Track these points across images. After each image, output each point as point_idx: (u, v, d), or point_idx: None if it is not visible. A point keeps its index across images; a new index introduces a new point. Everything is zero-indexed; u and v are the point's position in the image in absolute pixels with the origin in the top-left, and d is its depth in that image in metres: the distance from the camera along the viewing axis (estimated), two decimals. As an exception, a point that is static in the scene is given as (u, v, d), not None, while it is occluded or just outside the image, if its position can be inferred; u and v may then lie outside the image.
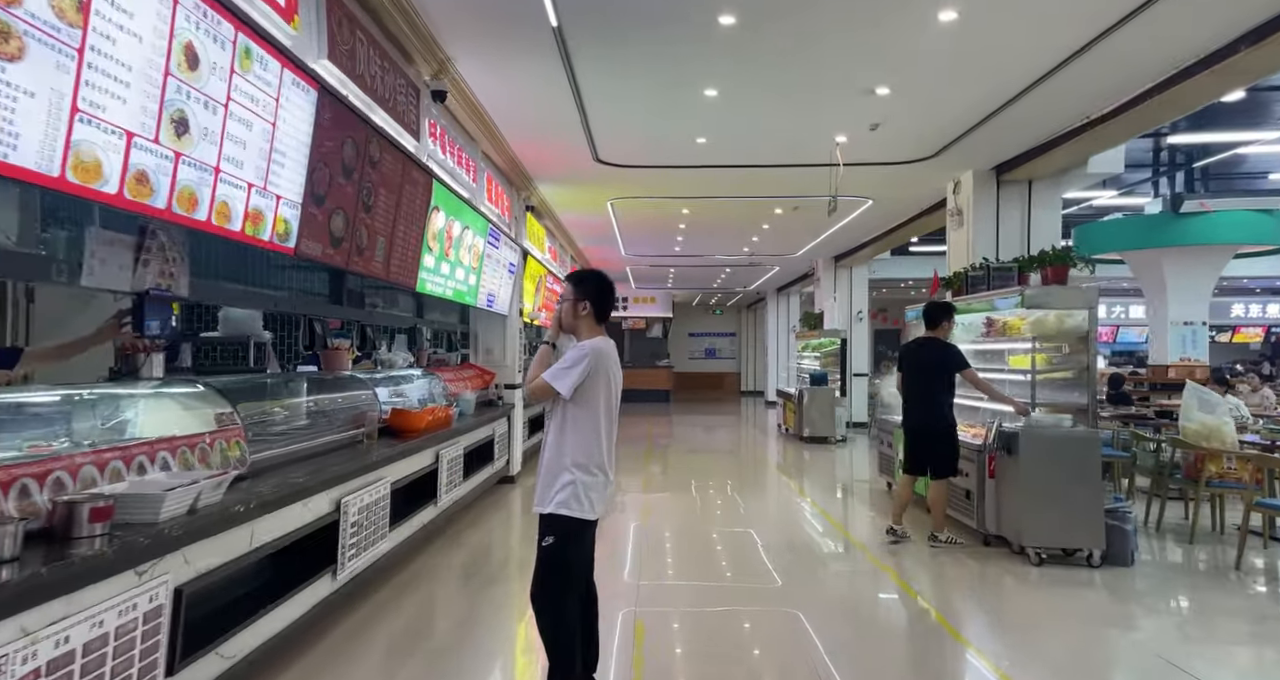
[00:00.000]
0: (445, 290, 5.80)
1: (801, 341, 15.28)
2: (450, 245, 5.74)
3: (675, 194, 9.60)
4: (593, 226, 11.89)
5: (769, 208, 10.37)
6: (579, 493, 2.95)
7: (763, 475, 9.95)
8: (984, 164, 7.93)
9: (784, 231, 12.25)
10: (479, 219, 6.63)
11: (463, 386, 7.26)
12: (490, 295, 7.48)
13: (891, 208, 10.07)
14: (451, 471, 5.90)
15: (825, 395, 12.57)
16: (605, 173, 8.40)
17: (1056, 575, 5.09)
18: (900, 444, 7.27)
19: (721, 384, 27.55)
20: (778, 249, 14.37)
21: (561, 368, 2.98)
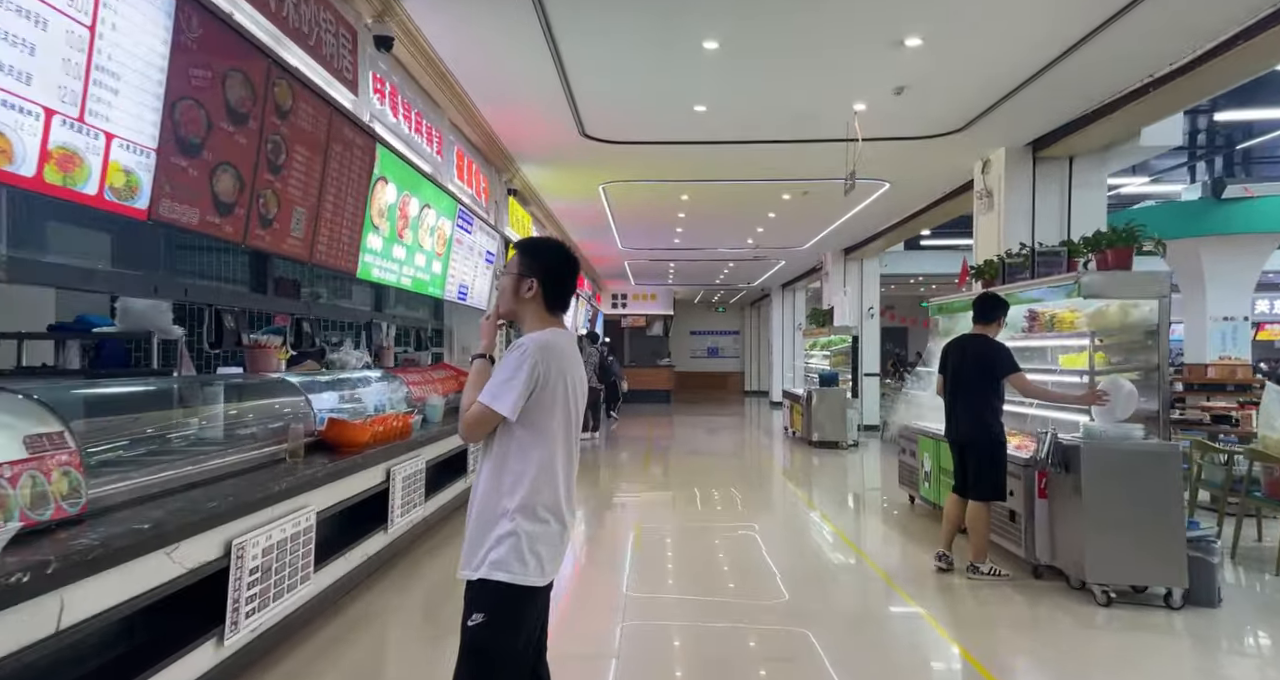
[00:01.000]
0: (400, 278, 4.94)
1: (809, 339, 14.41)
2: (405, 226, 4.89)
3: (673, 177, 8.74)
4: (585, 215, 11.03)
5: (775, 193, 9.50)
6: (522, 548, 2.10)
7: (770, 485, 9.08)
8: (1019, 139, 7.06)
9: (791, 221, 11.37)
10: (445, 198, 5.77)
11: (432, 390, 6.41)
12: (463, 287, 6.63)
13: (910, 192, 9.19)
14: (408, 490, 5.04)
15: (836, 397, 11.70)
16: (594, 151, 7.53)
17: (1128, 618, 4.21)
18: (928, 455, 6.41)
19: (725, 384, 26.69)
20: (784, 241, 13.49)
21: (499, 381, 2.13)
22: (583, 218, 11.27)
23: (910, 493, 7.32)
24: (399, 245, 4.81)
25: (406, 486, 5.00)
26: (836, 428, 11.68)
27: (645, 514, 7.10)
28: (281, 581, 3.33)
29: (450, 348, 7.74)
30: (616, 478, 9.32)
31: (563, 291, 2.33)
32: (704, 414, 18.47)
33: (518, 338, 2.23)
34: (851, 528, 6.71)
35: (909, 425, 7.26)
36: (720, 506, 7.36)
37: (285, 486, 3.38)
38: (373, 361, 6.19)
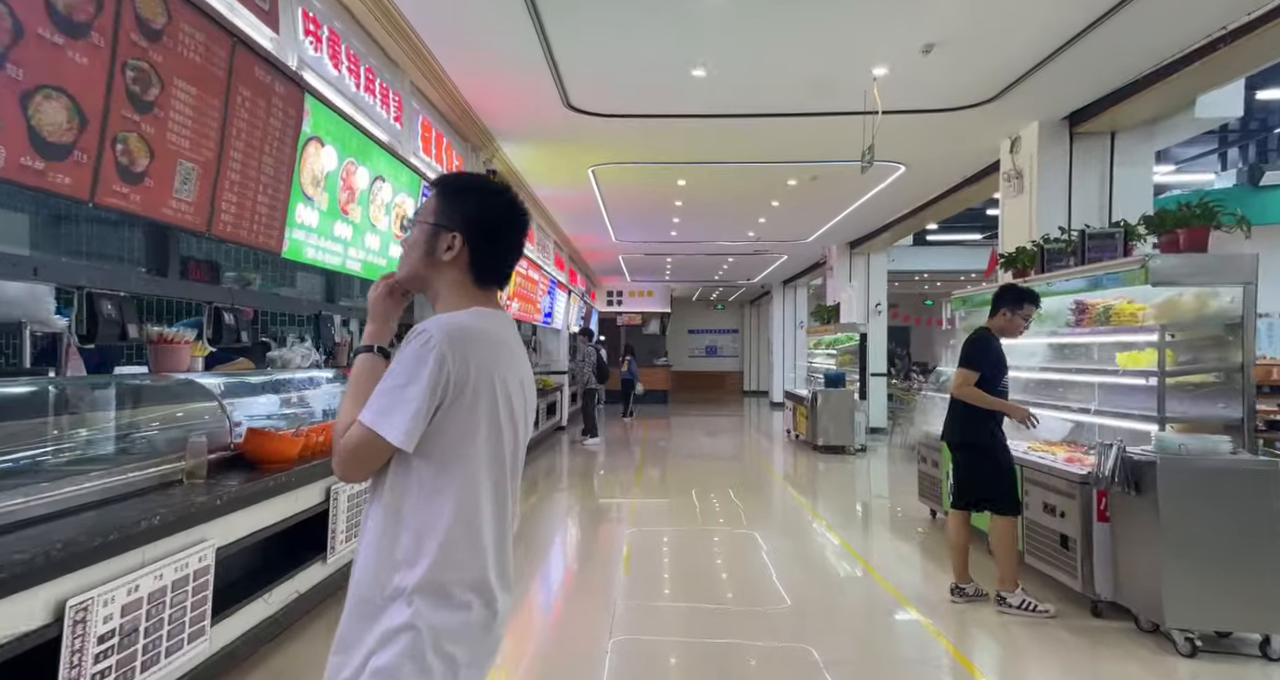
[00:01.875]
0: (346, 261, 4.18)
1: (813, 338, 13.68)
2: (351, 199, 4.13)
3: (668, 158, 7.99)
4: (575, 203, 10.27)
5: (780, 178, 8.75)
6: (422, 653, 1.35)
7: (774, 495, 8.33)
8: (1055, 110, 6.31)
9: (796, 210, 10.62)
10: (405, 173, 5.01)
11: (393, 392, 5.64)
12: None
13: (927, 177, 8.44)
14: (357, 510, 4.29)
15: (842, 398, 10.95)
16: (581, 126, 6.78)
17: (1219, 672, 3.48)
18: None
19: (723, 384, 25.95)
20: (787, 233, 12.75)
21: (387, 387, 1.38)
22: (573, 206, 10.51)
23: (932, 507, 6.58)
24: (343, 222, 4.05)
25: (354, 506, 4.25)
26: (843, 431, 10.94)
27: (639, 534, 6.35)
28: (158, 644, 2.58)
29: (421, 345, 6.99)
30: (609, 485, 8.57)
31: (500, 255, 1.59)
32: (702, 415, 17.73)
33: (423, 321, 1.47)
34: (867, 546, 5.96)
35: (930, 432, 6.51)
36: (722, 519, 6.61)
37: (164, 518, 2.63)
38: (326, 360, 5.43)
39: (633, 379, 16.11)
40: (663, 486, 8.44)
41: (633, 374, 16.21)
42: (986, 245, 18.14)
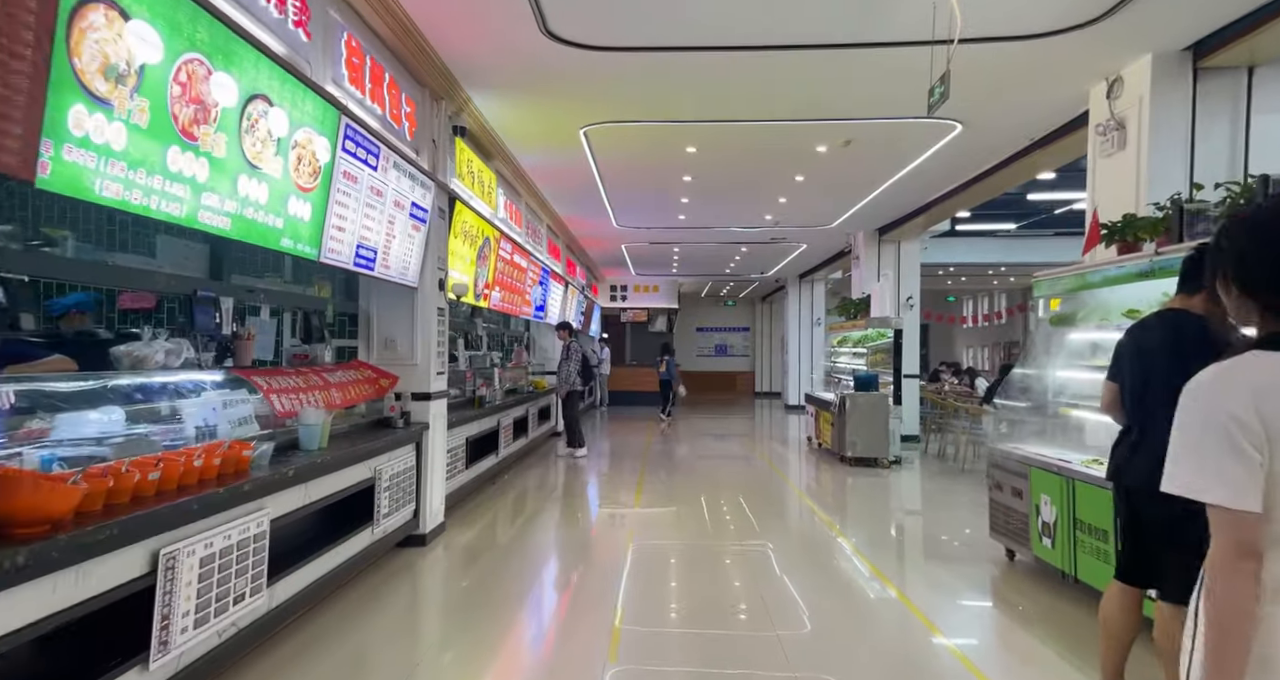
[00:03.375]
0: (197, 212, 2.82)
1: (836, 335, 12.27)
2: (203, 119, 2.77)
3: (675, 115, 6.60)
4: (567, 176, 8.88)
5: (807, 142, 7.35)
6: None
7: (805, 526, 6.93)
8: (1174, 40, 4.91)
9: (823, 187, 9.21)
10: (314, 102, 3.65)
11: (312, 400, 4.29)
12: (365, 249, 4.50)
13: (988, 137, 7.01)
14: (203, 587, 2.91)
15: (875, 404, 9.54)
16: (566, 65, 5.40)
17: None
18: (1050, 499, 4.19)
19: (733, 385, 24.56)
20: (809, 217, 11.34)
21: None
22: (565, 181, 9.13)
23: (1008, 546, 5.18)
24: (187, 151, 2.69)
25: (207, 576, 2.88)
26: (876, 441, 9.53)
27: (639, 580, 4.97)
28: None
29: (368, 340, 5.62)
30: (602, 506, 7.20)
31: None
32: (711, 419, 16.34)
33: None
34: (932, 600, 4.56)
35: (1009, 450, 5.11)
36: (745, 570, 5.23)
37: None
38: (216, 357, 4.07)
39: (671, 379, 15.47)
40: (669, 512, 7.05)
41: (671, 374, 15.57)
42: (1023, 236, 16.75)
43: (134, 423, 3.22)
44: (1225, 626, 1.18)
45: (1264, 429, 1.19)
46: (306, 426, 4.03)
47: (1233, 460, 1.19)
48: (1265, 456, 1.18)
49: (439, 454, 5.90)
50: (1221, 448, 1.20)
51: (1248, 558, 1.18)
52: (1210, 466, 1.21)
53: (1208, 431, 1.22)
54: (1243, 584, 1.18)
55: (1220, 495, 1.19)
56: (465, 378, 7.95)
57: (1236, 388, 1.22)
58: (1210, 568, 1.21)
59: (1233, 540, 1.19)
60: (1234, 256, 1.32)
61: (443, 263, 5.94)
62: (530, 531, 6.39)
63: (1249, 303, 1.31)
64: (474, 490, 7.42)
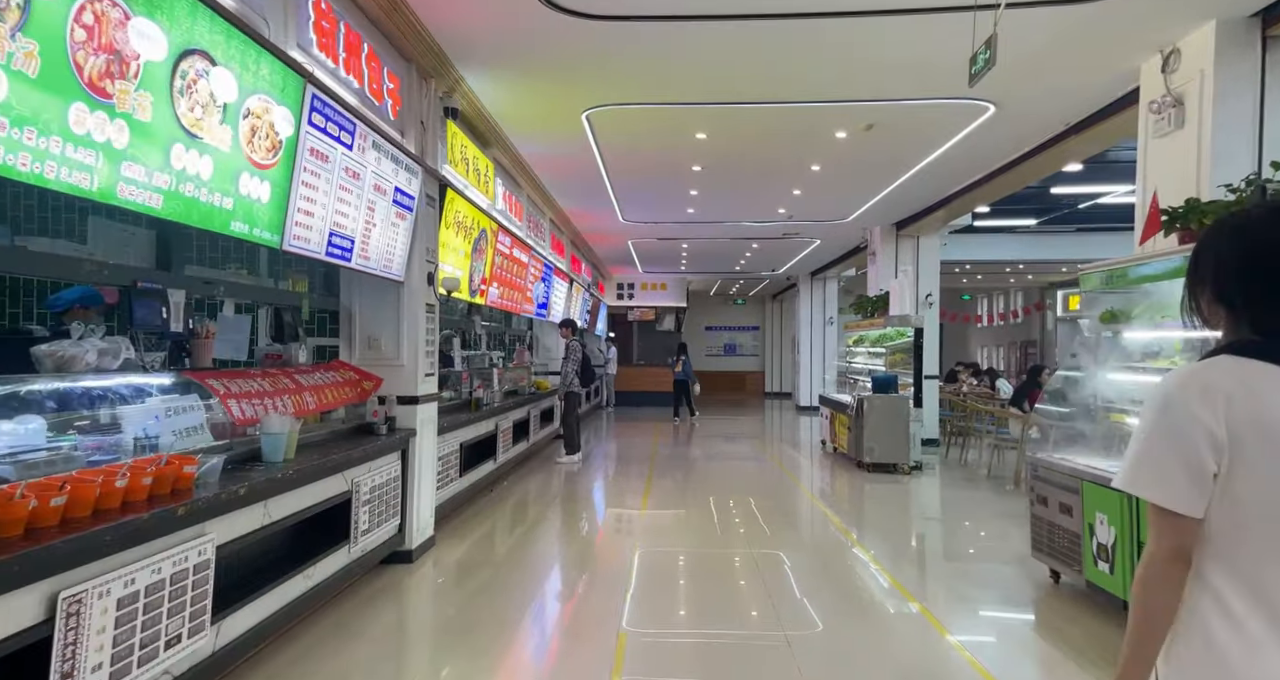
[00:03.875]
0: (115, 184, 2.36)
1: (852, 334, 11.76)
2: (119, 73, 2.31)
3: (683, 96, 6.12)
4: (570, 166, 8.41)
5: (826, 126, 6.85)
6: None
7: (824, 541, 6.45)
8: (1241, 5, 4.39)
9: (840, 177, 8.71)
10: (271, 65, 3.18)
11: (283, 406, 3.84)
12: (339, 236, 4.04)
13: (1023, 121, 6.49)
14: (122, 633, 2.44)
15: (894, 406, 9.04)
16: (568, 37, 4.94)
17: None
18: (1106, 517, 3.71)
19: (743, 385, 24.05)
20: (824, 210, 10.84)
21: None
22: (567, 170, 8.66)
23: (1054, 567, 4.68)
24: (93, 109, 2.23)
25: (128, 619, 2.42)
26: (895, 446, 9.03)
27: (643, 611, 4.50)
28: None
29: (350, 339, 5.17)
30: (606, 514, 6.73)
31: None
32: (721, 420, 15.84)
33: None
34: (968, 624, 4.06)
35: (1055, 461, 4.61)
36: (760, 584, 4.75)
37: None
38: (169, 359, 3.62)
39: (687, 379, 15.23)
40: (677, 523, 6.57)
41: (688, 374, 15.28)
42: (1043, 232, 16.19)
43: (57, 434, 2.77)
44: (1147, 626, 1.21)
45: (1227, 436, 1.16)
46: (269, 436, 3.58)
47: (1186, 465, 1.18)
48: (1222, 465, 1.17)
49: (428, 462, 5.44)
50: (1177, 451, 1.19)
51: (1180, 561, 1.20)
52: (1162, 468, 1.20)
53: (1167, 434, 1.21)
54: (1170, 586, 1.20)
55: (1165, 497, 1.19)
56: (461, 379, 7.49)
57: (1205, 391, 1.18)
58: (1143, 565, 1.23)
59: (1171, 543, 1.20)
60: (1212, 262, 1.29)
61: (432, 255, 5.48)
62: (527, 544, 5.92)
63: (1220, 309, 1.28)
64: (469, 499, 6.96)
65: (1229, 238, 1.28)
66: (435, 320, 5.61)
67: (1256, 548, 1.16)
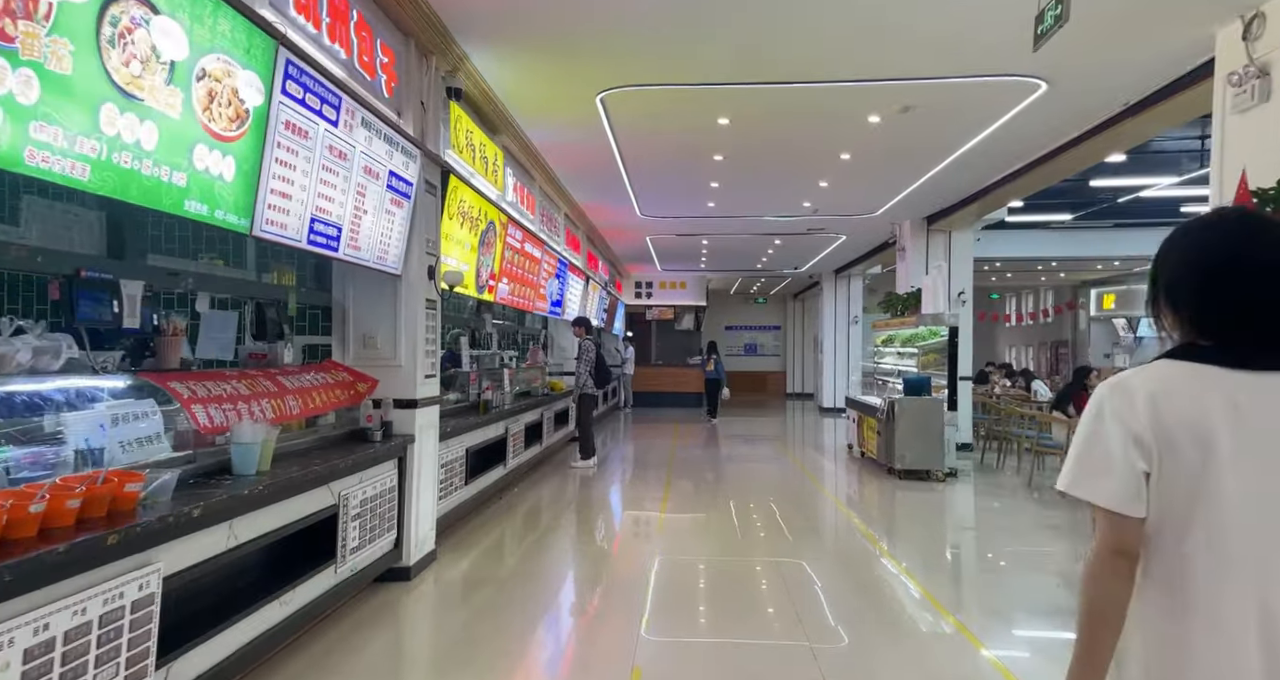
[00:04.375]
0: (30, 153, 1.96)
1: (881, 333, 11.24)
2: (31, 16, 1.91)
3: (704, 76, 5.67)
4: (584, 155, 7.99)
5: (858, 109, 6.37)
6: None
7: (855, 559, 5.97)
8: (1342, -42, 3.87)
9: (871, 167, 8.22)
10: (237, 22, 2.78)
11: (260, 411, 3.43)
12: (322, 222, 3.64)
13: (1076, 101, 5.96)
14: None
15: (928, 410, 8.52)
16: (582, 7, 4.50)
17: None
18: None
19: (764, 385, 23.52)
20: (853, 203, 10.33)
21: None
22: (581, 160, 8.23)
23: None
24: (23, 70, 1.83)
25: (39, 674, 2.01)
26: (929, 452, 8.52)
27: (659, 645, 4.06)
28: None
29: (344, 337, 4.77)
30: (622, 523, 6.30)
31: None
32: (741, 422, 15.35)
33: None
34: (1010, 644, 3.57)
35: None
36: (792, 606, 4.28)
37: None
38: (127, 358, 3.23)
39: (719, 378, 15.07)
40: (698, 532, 6.12)
41: (720, 373, 15.15)
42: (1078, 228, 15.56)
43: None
44: (1096, 621, 1.23)
45: (1154, 437, 1.20)
46: (240, 446, 3.17)
47: (1119, 465, 1.22)
48: (1153, 464, 1.21)
49: (428, 471, 5.03)
50: (1110, 453, 1.23)
51: (1121, 557, 1.23)
52: (1098, 469, 1.24)
53: (1097, 437, 1.25)
54: (1115, 580, 1.23)
55: (1103, 497, 1.23)
56: (469, 380, 7.09)
57: (1134, 395, 1.23)
58: (1088, 563, 1.26)
59: (1111, 540, 1.23)
60: (1166, 267, 1.32)
61: (433, 247, 5.07)
62: (536, 558, 5.50)
63: (1171, 313, 1.31)
64: (476, 508, 6.55)
65: (1179, 243, 1.31)
66: (437, 317, 5.20)
67: (1190, 544, 1.19)
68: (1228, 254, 1.24)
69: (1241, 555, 1.16)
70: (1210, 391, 1.19)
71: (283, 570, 3.55)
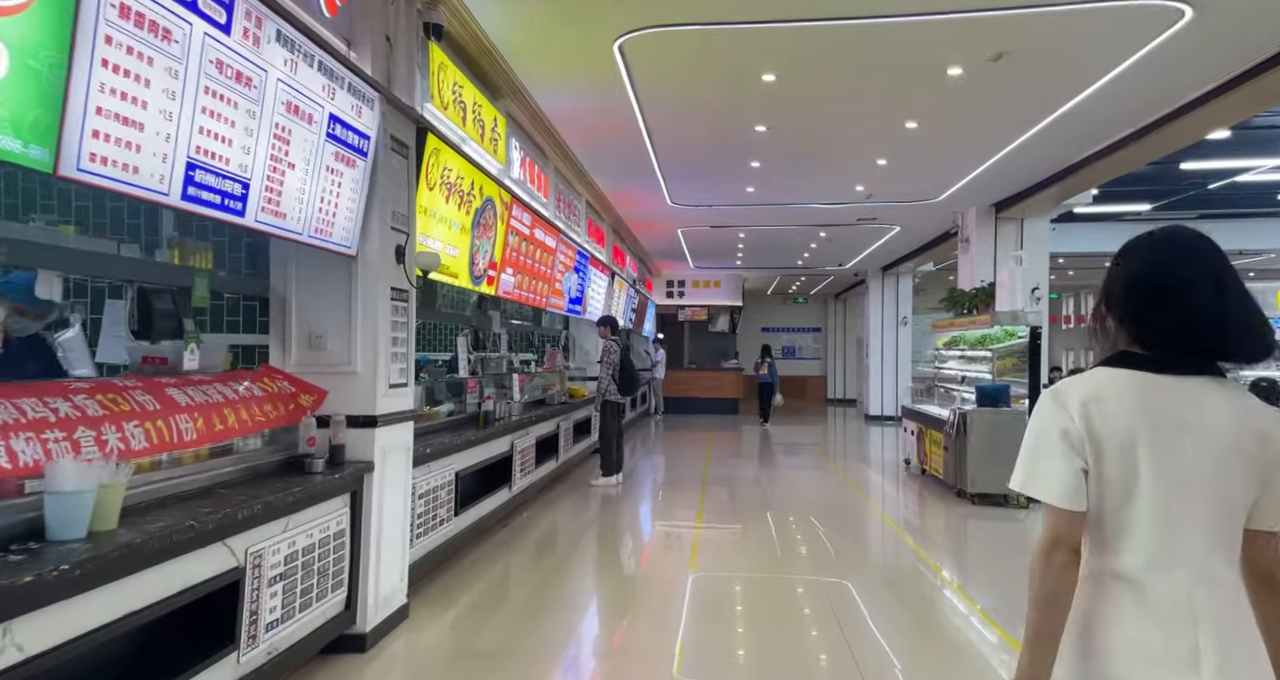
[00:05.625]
0: None
1: (944, 334, 9.95)
2: None
3: (747, 13, 4.52)
4: (604, 126, 6.87)
5: (936, 58, 5.17)
6: None
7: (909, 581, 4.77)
8: None
9: (944, 137, 6.99)
10: None
11: (115, 442, 2.37)
12: (226, 176, 2.58)
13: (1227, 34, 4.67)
14: None
15: (1006, 424, 7.24)
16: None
17: None
18: None
19: (804, 391, 22.19)
20: (912, 186, 9.10)
21: None
22: (601, 132, 7.12)
23: None
24: None
25: None
26: (1008, 473, 7.21)
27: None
28: None
29: (284, 336, 3.73)
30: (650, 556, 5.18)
31: None
32: (783, 430, 14.13)
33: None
34: None
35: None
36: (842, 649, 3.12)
37: None
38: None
39: (773, 382, 14.95)
40: (737, 572, 4.96)
41: (774, 377, 15.01)
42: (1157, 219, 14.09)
43: None
44: (1041, 602, 1.31)
45: (1087, 439, 1.31)
46: (58, 496, 2.11)
47: (1059, 465, 1.32)
48: (1089, 461, 1.31)
49: (394, 505, 3.95)
50: (1050, 452, 1.34)
51: (1060, 549, 1.31)
52: (1040, 467, 1.35)
53: (1041, 437, 1.36)
54: (1055, 571, 1.30)
55: (1044, 492, 1.33)
56: (466, 387, 6.02)
57: (1069, 398, 1.34)
58: (1032, 555, 1.34)
59: (1051, 533, 1.32)
60: (1109, 278, 1.44)
61: (403, 222, 4.00)
62: (537, 609, 4.38)
63: (1112, 322, 1.41)
64: (472, 540, 5.47)
65: (1122, 256, 1.43)
66: (409, 311, 4.12)
67: (1124, 534, 1.31)
68: (1160, 272, 1.35)
69: (1166, 546, 1.28)
70: (1137, 397, 1.32)
71: (162, 666, 2.49)
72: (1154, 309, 1.34)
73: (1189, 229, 1.40)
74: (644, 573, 5.36)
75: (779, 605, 4.47)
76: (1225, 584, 1.28)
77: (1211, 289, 1.31)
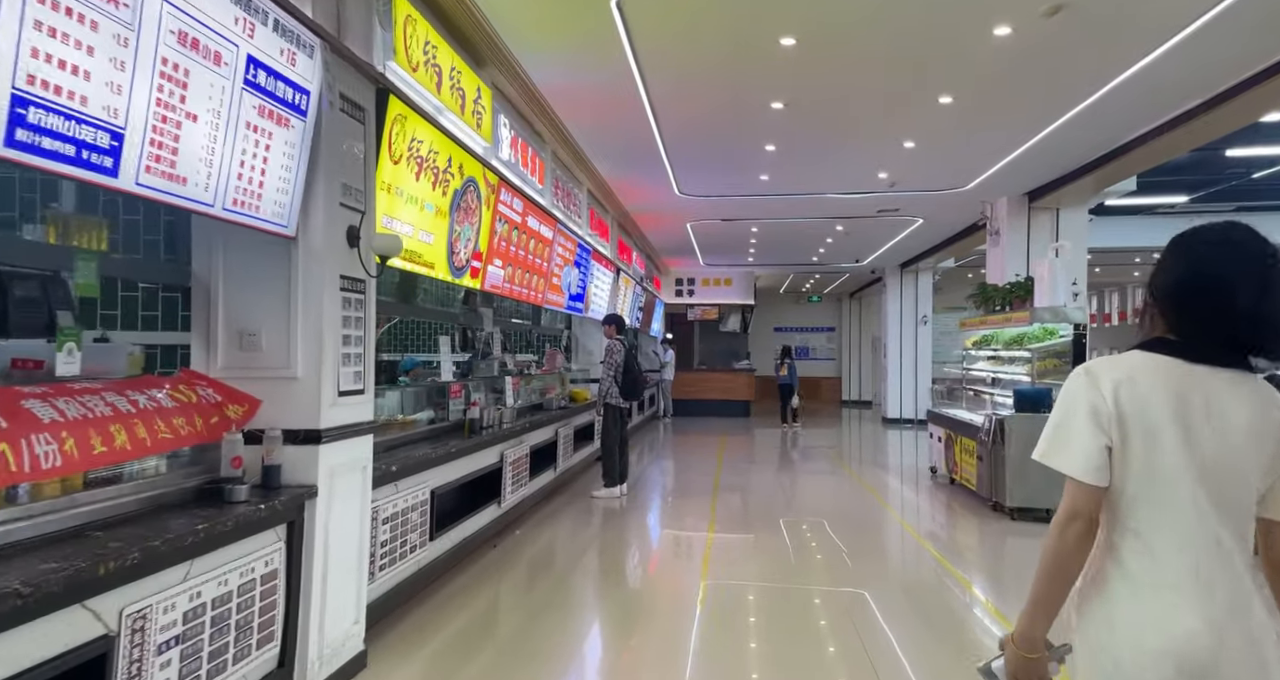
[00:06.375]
0: None
1: (974, 332, 9.23)
2: None
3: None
4: (604, 101, 6.21)
5: (983, 17, 4.49)
6: None
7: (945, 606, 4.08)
8: None
9: (982, 112, 6.29)
10: None
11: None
12: (81, 120, 1.95)
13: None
14: None
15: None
16: None
17: None
18: None
19: (818, 392, 21.49)
20: (940, 173, 8.40)
21: None
22: (601, 113, 6.46)
23: None
24: None
25: None
26: (1051, 486, 6.47)
27: None
28: None
29: (209, 334, 3.10)
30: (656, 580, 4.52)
31: None
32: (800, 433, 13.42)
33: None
34: None
35: None
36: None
37: None
38: None
39: (792, 383, 14.65)
40: (754, 598, 4.28)
41: (793, 378, 14.72)
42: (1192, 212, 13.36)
43: None
44: (1050, 571, 1.41)
45: (1115, 418, 1.37)
46: None
47: (1084, 441, 1.39)
48: (1115, 440, 1.37)
49: (345, 537, 3.30)
50: (1078, 427, 1.40)
51: (1077, 521, 1.39)
52: (1067, 442, 1.42)
53: (1070, 412, 1.42)
54: (1069, 542, 1.39)
55: (1067, 466, 1.41)
56: (449, 393, 5.38)
57: (1101, 377, 1.40)
58: (1053, 522, 1.42)
59: (1070, 505, 1.40)
60: (1159, 268, 1.47)
61: (358, 198, 3.36)
62: (533, 647, 3.71)
63: (1155, 310, 1.46)
64: (449, 568, 4.82)
65: (1172, 248, 1.46)
66: (366, 306, 3.48)
67: (1144, 512, 1.37)
68: (1206, 269, 1.39)
69: (1183, 526, 1.34)
70: (1167, 382, 1.37)
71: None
72: (1194, 305, 1.39)
73: (1242, 226, 1.40)
74: (647, 601, 4.70)
75: (788, 590, 3.80)
76: (1237, 566, 1.33)
77: (1256, 289, 1.34)
